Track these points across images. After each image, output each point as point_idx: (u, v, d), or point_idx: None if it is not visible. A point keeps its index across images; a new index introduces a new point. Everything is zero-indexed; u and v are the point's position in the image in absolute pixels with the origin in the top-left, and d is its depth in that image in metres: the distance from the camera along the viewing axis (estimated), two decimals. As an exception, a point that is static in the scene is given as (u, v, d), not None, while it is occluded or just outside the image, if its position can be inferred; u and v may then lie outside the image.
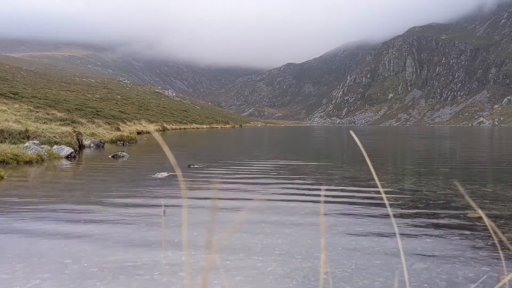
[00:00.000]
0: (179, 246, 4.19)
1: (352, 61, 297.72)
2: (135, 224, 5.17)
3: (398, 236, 4.92)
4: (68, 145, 14.78)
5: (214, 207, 5.46)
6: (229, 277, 3.44)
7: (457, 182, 8.58)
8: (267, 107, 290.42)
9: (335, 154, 18.86)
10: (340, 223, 5.24)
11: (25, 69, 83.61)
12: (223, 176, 9.63)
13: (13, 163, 10.96)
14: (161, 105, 78.34)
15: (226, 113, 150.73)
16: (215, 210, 5.48)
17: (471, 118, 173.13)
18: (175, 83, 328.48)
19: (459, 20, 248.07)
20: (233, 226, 4.67)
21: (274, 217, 5.50)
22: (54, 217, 5.49)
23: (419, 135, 43.89)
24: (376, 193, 7.19)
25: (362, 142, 0.66)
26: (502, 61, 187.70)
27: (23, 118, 20.01)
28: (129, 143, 22.04)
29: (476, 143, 27.79)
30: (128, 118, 42.80)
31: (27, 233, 4.74)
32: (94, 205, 6.32)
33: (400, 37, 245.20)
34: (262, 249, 4.17)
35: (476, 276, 3.53)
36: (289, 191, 7.66)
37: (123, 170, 11.32)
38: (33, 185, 8.58)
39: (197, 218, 5.35)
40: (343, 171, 10.82)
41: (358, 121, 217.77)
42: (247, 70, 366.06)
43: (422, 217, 5.61)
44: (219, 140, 32.88)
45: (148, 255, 3.96)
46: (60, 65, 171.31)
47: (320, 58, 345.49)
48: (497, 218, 5.49)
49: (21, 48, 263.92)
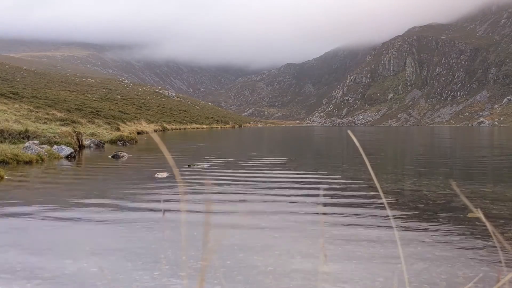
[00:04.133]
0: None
1: (352, 61, 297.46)
2: (135, 224, 5.17)
3: (397, 236, 4.92)
4: (68, 145, 14.77)
5: (208, 207, 5.46)
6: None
7: (453, 182, 8.57)
8: (267, 107, 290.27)
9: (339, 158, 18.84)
10: (340, 223, 5.24)
11: (25, 69, 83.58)
12: (223, 176, 9.62)
13: (13, 163, 10.95)
14: (161, 105, 78.30)
15: (226, 113, 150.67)
16: (210, 209, 5.48)
17: (471, 118, 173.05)
18: (175, 83, 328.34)
19: (459, 20, 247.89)
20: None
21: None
22: (54, 217, 5.49)
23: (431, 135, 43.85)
24: (376, 193, 7.19)
25: (366, 142, 0.67)
26: (502, 61, 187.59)
27: (23, 118, 20.01)
28: (129, 143, 22.03)
29: (476, 143, 27.78)
30: (128, 118, 42.78)
31: (27, 233, 4.74)
32: (94, 205, 6.31)
33: (400, 37, 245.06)
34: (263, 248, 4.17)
35: (476, 276, 3.53)
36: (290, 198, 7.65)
37: (123, 170, 11.31)
38: (33, 185, 8.57)
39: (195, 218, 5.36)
40: (343, 171, 10.81)
41: (358, 121, 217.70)
42: (247, 70, 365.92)
43: (422, 217, 5.61)
44: (219, 140, 32.87)
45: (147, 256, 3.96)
46: (60, 65, 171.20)
47: (320, 58, 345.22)
48: (497, 218, 5.49)
49: (21, 48, 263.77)
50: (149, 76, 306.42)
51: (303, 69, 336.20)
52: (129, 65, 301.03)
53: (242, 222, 5.29)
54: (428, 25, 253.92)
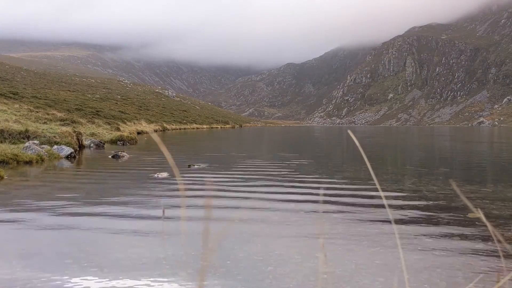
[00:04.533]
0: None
1: (352, 61, 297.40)
2: (135, 222, 5.17)
3: (397, 236, 4.92)
4: (68, 145, 14.77)
5: (208, 207, 5.47)
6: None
7: (453, 182, 8.57)
8: (267, 107, 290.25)
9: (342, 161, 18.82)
10: (339, 223, 5.24)
11: (25, 69, 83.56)
12: (223, 176, 9.62)
13: (13, 163, 10.95)
14: (161, 105, 78.28)
15: (226, 113, 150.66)
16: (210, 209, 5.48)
17: (471, 118, 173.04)
18: (175, 83, 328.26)
19: (459, 20, 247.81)
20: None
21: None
22: (54, 216, 5.49)
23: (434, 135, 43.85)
24: (376, 193, 7.19)
25: (366, 144, 0.66)
26: (502, 61, 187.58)
27: (23, 118, 20.02)
28: (129, 143, 22.03)
29: (476, 143, 27.77)
30: (128, 118, 42.76)
31: (26, 231, 4.74)
32: (93, 205, 6.31)
33: (400, 37, 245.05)
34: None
35: (476, 276, 3.53)
36: (288, 190, 7.66)
37: (123, 170, 11.31)
38: (33, 185, 8.57)
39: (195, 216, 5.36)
40: (343, 171, 10.81)
41: (358, 121, 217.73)
42: (247, 70, 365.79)
43: (422, 217, 5.61)
44: (219, 140, 32.87)
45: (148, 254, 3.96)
46: (60, 65, 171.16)
47: (320, 58, 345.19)
48: (497, 218, 5.49)
49: (21, 48, 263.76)
50: (149, 76, 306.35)
51: (303, 69, 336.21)
52: (129, 65, 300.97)
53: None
54: (428, 25, 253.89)
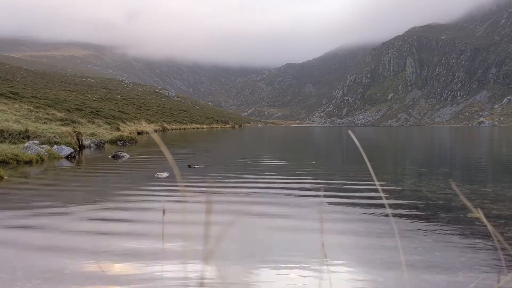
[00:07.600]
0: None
1: (352, 61, 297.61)
2: (135, 222, 5.17)
3: (397, 236, 4.92)
4: (68, 145, 14.77)
5: (209, 207, 5.47)
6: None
7: (452, 182, 8.57)
8: (267, 107, 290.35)
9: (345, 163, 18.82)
10: (339, 223, 5.24)
11: (25, 69, 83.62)
12: (223, 176, 9.62)
13: (13, 163, 10.95)
14: (161, 105, 78.32)
15: (226, 113, 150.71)
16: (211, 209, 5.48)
17: (471, 118, 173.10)
18: (175, 83, 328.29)
19: (459, 20, 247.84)
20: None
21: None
22: (53, 217, 5.49)
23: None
24: (376, 193, 7.19)
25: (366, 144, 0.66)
26: (502, 61, 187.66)
27: (23, 118, 20.02)
28: (129, 143, 22.02)
29: (476, 143, 27.78)
30: (128, 118, 42.76)
31: (27, 230, 4.74)
32: (93, 205, 6.31)
33: (400, 37, 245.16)
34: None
35: (476, 276, 3.52)
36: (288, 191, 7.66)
37: (123, 170, 11.30)
38: (33, 185, 8.57)
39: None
40: (342, 170, 10.80)
41: (358, 121, 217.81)
42: (247, 70, 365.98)
43: (422, 217, 5.61)
44: (219, 140, 32.87)
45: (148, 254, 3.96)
46: (60, 65, 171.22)
47: (320, 58, 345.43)
48: (497, 218, 5.49)
49: (21, 48, 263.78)
50: (149, 76, 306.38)
51: (303, 69, 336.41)
52: (129, 65, 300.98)
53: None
54: (428, 25, 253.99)
